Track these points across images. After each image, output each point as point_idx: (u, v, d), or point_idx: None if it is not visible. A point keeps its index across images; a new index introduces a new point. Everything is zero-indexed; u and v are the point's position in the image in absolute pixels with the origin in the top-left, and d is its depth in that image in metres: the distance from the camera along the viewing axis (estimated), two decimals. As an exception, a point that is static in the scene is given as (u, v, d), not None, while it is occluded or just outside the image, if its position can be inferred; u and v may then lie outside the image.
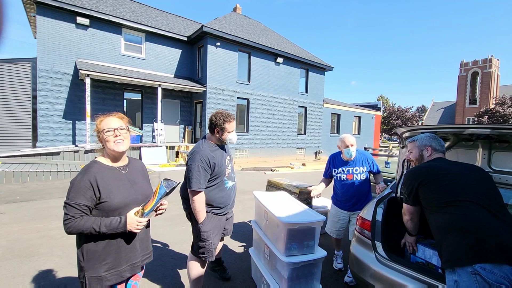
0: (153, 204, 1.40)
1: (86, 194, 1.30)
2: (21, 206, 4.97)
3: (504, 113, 31.09)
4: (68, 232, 1.28)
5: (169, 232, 3.93)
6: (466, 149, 2.20)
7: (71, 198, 1.29)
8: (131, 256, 1.45)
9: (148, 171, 9.06)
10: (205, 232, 2.16)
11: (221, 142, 2.27)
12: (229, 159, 2.36)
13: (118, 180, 1.42)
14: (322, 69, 16.76)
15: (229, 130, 2.19)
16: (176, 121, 12.84)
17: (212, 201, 2.21)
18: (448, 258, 1.34)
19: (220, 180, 2.22)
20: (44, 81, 9.46)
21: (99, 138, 1.43)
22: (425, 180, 1.55)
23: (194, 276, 2.25)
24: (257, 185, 7.73)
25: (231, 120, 2.19)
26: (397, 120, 39.15)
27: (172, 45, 12.44)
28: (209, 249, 2.18)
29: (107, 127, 1.39)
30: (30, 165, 7.73)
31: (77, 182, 1.30)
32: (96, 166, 1.39)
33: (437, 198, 1.50)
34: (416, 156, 1.76)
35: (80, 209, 1.28)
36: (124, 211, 1.40)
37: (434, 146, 1.70)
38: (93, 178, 1.33)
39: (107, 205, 1.34)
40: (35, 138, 10.11)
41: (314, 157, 16.70)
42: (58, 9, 9.48)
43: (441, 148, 1.71)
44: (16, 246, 3.33)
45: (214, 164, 2.13)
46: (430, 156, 1.71)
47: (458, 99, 42.24)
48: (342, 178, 2.83)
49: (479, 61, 40.00)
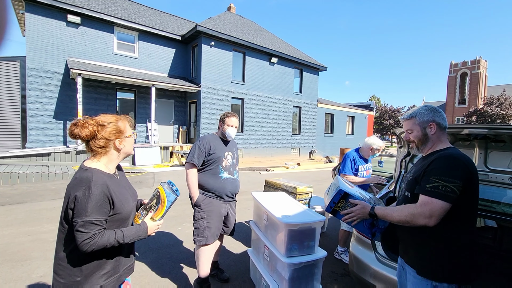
0: (163, 212, 1.40)
1: (104, 208, 1.21)
2: (11, 209, 4.82)
3: (492, 113, 31.92)
4: (90, 250, 1.17)
5: (166, 234, 3.88)
6: (462, 148, 2.24)
7: (90, 214, 1.16)
8: (127, 260, 1.44)
9: (142, 172, 8.93)
10: (199, 211, 2.36)
11: (224, 136, 2.52)
12: (231, 155, 2.55)
13: (120, 188, 1.35)
14: (316, 69, 16.86)
15: (228, 123, 2.47)
16: (170, 121, 12.71)
17: (204, 184, 2.41)
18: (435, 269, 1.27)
19: (215, 166, 2.42)
20: (33, 80, 9.22)
21: (120, 139, 1.32)
22: (475, 177, 1.25)
23: (200, 264, 2.39)
24: (253, 185, 7.71)
25: (232, 116, 2.50)
26: (389, 119, 39.73)
27: (166, 44, 12.31)
28: (202, 230, 2.33)
29: (130, 132, 1.39)
30: (20, 167, 7.53)
31: (92, 196, 1.18)
32: (100, 175, 1.26)
33: (475, 206, 1.27)
34: (419, 136, 1.41)
35: (102, 225, 1.20)
36: (129, 218, 1.37)
37: (438, 121, 1.38)
38: (107, 190, 1.23)
39: (119, 216, 1.29)
40: (24, 139, 9.84)
41: (308, 156, 16.78)
42: (48, 6, 9.25)
43: (445, 123, 1.42)
44: (7, 250, 3.22)
45: (210, 147, 2.40)
46: (436, 135, 1.39)
47: (448, 99, 43.16)
48: (364, 174, 3.17)
49: (468, 62, 40.97)
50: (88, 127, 1.27)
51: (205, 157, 2.40)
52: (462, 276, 1.25)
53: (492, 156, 2.09)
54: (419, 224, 1.24)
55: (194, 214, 2.42)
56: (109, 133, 1.30)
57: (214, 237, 2.40)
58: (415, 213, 1.25)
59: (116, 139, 1.32)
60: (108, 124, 1.31)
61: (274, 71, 14.48)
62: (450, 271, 1.25)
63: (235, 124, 2.49)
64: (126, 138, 1.35)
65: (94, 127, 1.28)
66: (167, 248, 3.42)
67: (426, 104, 1.47)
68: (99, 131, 1.29)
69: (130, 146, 1.39)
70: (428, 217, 1.22)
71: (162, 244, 3.54)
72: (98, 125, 1.30)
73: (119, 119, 1.37)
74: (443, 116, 1.41)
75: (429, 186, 1.23)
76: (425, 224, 1.23)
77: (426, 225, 1.23)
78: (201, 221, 2.35)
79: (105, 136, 1.29)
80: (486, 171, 2.12)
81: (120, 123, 1.35)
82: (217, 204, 2.42)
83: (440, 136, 1.40)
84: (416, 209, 1.25)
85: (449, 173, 1.21)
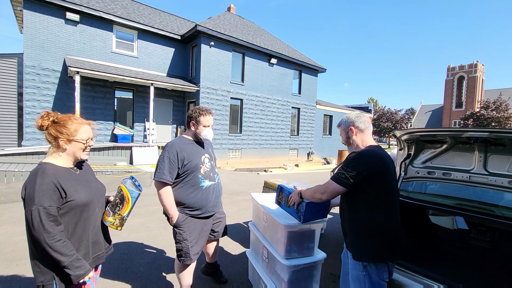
0: (129, 208, 1.50)
1: (53, 196, 1.25)
2: (6, 208, 4.76)
3: (488, 116, 32.17)
4: (42, 238, 1.21)
5: (163, 234, 3.84)
6: (462, 151, 2.24)
7: (39, 202, 1.21)
8: (96, 249, 1.49)
9: (139, 171, 8.83)
10: (180, 233, 2.07)
11: (197, 138, 2.19)
12: (209, 157, 2.22)
13: (75, 179, 1.40)
14: (315, 71, 16.90)
15: (204, 124, 2.11)
16: (169, 121, 12.66)
17: (184, 200, 2.07)
18: (366, 253, 1.54)
19: (193, 177, 2.07)
20: (30, 77, 9.14)
21: (64, 139, 1.35)
22: (379, 168, 1.50)
23: (181, 278, 2.21)
24: (251, 186, 7.69)
25: (207, 114, 2.13)
26: (387, 122, 39.91)
27: (165, 44, 12.26)
28: (186, 251, 2.08)
29: (86, 136, 1.42)
30: (15, 165, 7.44)
31: (38, 186, 1.22)
32: (50, 167, 1.32)
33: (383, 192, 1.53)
34: (345, 138, 1.76)
35: (51, 214, 1.23)
36: (88, 208, 1.41)
37: (357, 125, 1.66)
38: (55, 180, 1.27)
39: (75, 202, 1.33)
40: (20, 137, 9.74)
41: (306, 158, 16.80)
42: (47, 3, 9.17)
43: (363, 125, 1.65)
44: (2, 249, 3.18)
45: (183, 157, 2.02)
46: (356, 136, 1.66)
47: (445, 103, 43.43)
48: None
49: (465, 66, 41.27)
50: (43, 119, 1.35)
51: (179, 170, 2.02)
52: (379, 255, 1.53)
53: (492, 159, 2.09)
54: (317, 198, 1.67)
55: (175, 235, 2.11)
56: (56, 130, 1.35)
57: (198, 253, 2.18)
58: (316, 189, 1.67)
59: (60, 138, 1.35)
60: (61, 123, 1.37)
61: (273, 72, 14.49)
62: (369, 252, 1.53)
63: (211, 124, 2.17)
64: (73, 141, 1.37)
65: (47, 122, 1.35)
66: (164, 248, 3.39)
67: (357, 112, 1.81)
68: (49, 125, 1.36)
69: (76, 150, 1.40)
70: (322, 192, 1.63)
71: (158, 244, 3.51)
72: (53, 121, 1.37)
73: (76, 123, 1.40)
74: (362, 120, 1.68)
75: (334, 174, 1.63)
76: (320, 198, 1.65)
77: (321, 199, 1.65)
78: (184, 243, 2.07)
79: (51, 132, 1.35)
80: (486, 174, 2.12)
81: (73, 126, 1.38)
82: (200, 221, 2.16)
83: (363, 137, 1.67)
84: (319, 187, 1.67)
85: (348, 165, 1.53)
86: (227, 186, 7.23)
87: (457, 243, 2.79)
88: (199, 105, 11.42)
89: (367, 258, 1.54)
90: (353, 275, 1.63)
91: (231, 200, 6.02)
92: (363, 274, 1.55)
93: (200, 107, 2.17)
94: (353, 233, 1.62)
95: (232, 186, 7.71)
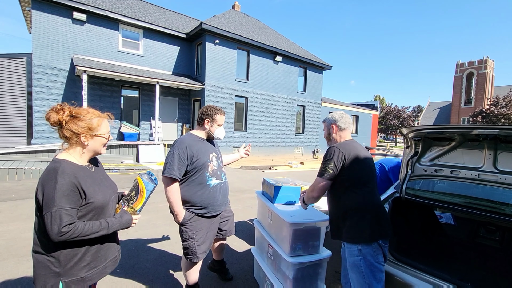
0: (144, 201, 1.45)
1: (73, 197, 1.19)
2: (17, 205, 4.88)
3: (498, 113, 31.46)
4: (71, 239, 1.16)
5: (169, 231, 3.89)
6: (471, 149, 2.20)
7: (59, 204, 1.14)
8: (110, 252, 1.43)
9: (145, 169, 9.02)
10: (186, 231, 2.07)
11: (209, 136, 2.21)
12: (216, 156, 2.23)
13: (93, 179, 1.33)
14: (320, 68, 16.76)
15: (218, 122, 2.17)
16: (174, 119, 12.74)
17: (190, 198, 2.05)
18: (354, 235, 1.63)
19: (200, 175, 2.06)
20: (39, 77, 9.30)
21: (86, 135, 1.28)
22: (353, 155, 1.67)
23: (187, 275, 2.22)
24: (256, 184, 7.70)
25: (222, 113, 2.21)
26: (394, 119, 39.39)
27: (170, 42, 12.31)
28: (192, 250, 2.07)
29: (107, 131, 1.38)
30: (26, 163, 7.60)
31: (59, 186, 1.15)
32: (69, 165, 1.23)
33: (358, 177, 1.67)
34: (326, 134, 1.94)
35: (71, 215, 1.17)
36: (106, 210, 1.36)
37: (338, 124, 1.85)
38: (75, 180, 1.21)
39: (94, 205, 1.27)
40: (30, 135, 9.95)
41: (312, 155, 16.73)
42: (54, 3, 9.30)
43: (343, 125, 1.84)
44: (13, 245, 3.26)
45: (192, 153, 2.01)
46: (336, 133, 1.86)
47: (454, 100, 42.64)
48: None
49: (474, 62, 40.38)
50: (59, 114, 1.24)
51: (187, 166, 2.01)
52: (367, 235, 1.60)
53: (502, 157, 2.05)
54: (311, 197, 1.80)
55: (181, 233, 2.10)
56: (77, 126, 1.26)
57: (206, 252, 2.17)
58: (308, 190, 1.83)
59: (82, 134, 1.27)
60: (81, 117, 1.28)
61: (278, 69, 14.42)
62: (357, 232, 1.63)
63: (223, 123, 2.22)
64: (95, 136, 1.31)
65: (64, 116, 1.25)
66: (171, 245, 3.43)
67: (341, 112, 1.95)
68: (67, 121, 1.26)
69: (98, 145, 1.35)
70: (311, 190, 1.77)
71: (165, 241, 3.55)
72: (71, 115, 1.27)
73: (96, 116, 1.33)
74: (344, 120, 1.86)
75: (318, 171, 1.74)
76: (313, 197, 1.79)
77: (314, 197, 1.78)
78: (190, 241, 2.06)
79: (71, 128, 1.26)
80: (496, 172, 2.08)
81: (95, 120, 1.32)
82: (207, 220, 2.15)
83: (341, 135, 1.85)
84: (309, 187, 1.80)
85: (326, 158, 1.70)
86: (232, 184, 7.26)
87: (465, 242, 2.75)
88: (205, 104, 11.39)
89: (358, 239, 1.62)
90: (350, 263, 1.68)
91: (236, 197, 6.05)
92: (359, 259, 1.61)
93: (214, 105, 2.22)
94: (339, 219, 1.73)
95: (237, 183, 7.74)
